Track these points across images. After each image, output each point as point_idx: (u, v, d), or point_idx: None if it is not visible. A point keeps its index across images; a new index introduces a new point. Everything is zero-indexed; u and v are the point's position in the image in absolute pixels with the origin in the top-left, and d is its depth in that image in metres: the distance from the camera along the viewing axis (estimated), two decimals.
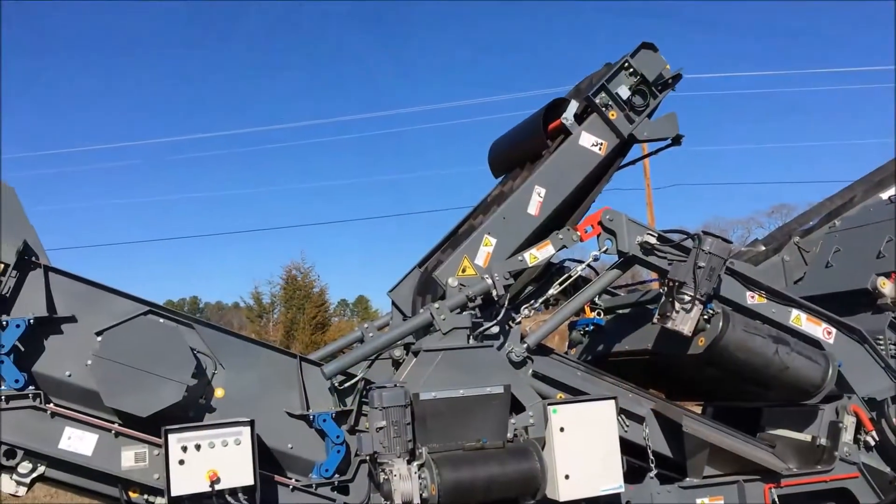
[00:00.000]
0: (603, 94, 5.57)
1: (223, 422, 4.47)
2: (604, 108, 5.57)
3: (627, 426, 5.36)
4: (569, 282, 5.59)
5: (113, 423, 4.51)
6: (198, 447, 4.29)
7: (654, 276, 6.24)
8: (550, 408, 4.96)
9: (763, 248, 7.47)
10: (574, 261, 6.08)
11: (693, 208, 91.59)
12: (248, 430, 4.40)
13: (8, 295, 4.44)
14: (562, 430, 4.92)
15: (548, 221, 5.46)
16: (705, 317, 5.32)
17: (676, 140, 5.81)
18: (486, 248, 5.28)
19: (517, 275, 5.37)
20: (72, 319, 4.57)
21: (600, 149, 5.57)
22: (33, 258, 4.56)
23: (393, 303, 6.10)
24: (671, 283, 5.27)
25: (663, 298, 5.38)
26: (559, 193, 5.47)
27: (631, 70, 5.62)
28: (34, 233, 4.61)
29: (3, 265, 4.44)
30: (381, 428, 4.57)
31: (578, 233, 5.40)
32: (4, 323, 4.35)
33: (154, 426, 4.42)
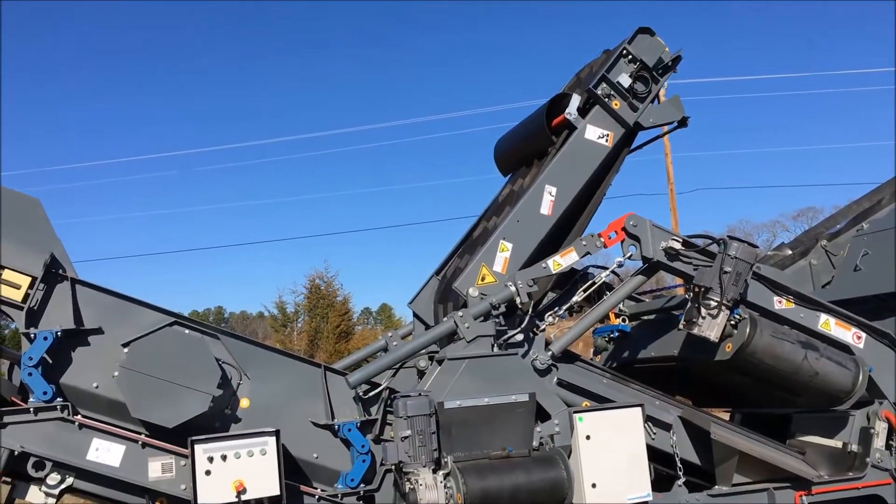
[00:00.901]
0: (604, 85, 5.53)
1: (249, 432, 4.47)
2: (606, 99, 5.54)
3: (654, 434, 5.30)
4: (593, 288, 5.56)
5: (140, 433, 4.54)
6: (224, 457, 4.30)
7: (679, 281, 6.18)
8: (576, 416, 4.92)
9: (790, 252, 7.40)
10: (598, 267, 6.05)
11: (717, 212, 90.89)
12: (273, 439, 4.40)
13: (36, 308, 4.49)
14: (588, 438, 4.88)
15: (561, 220, 5.43)
16: (732, 322, 5.26)
17: (683, 122, 5.76)
18: (503, 253, 5.26)
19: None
20: (99, 331, 4.61)
21: (607, 140, 5.55)
22: (60, 271, 4.61)
23: (414, 314, 6.09)
24: (697, 289, 5.22)
25: (689, 304, 5.32)
26: (570, 190, 5.45)
27: (630, 57, 5.58)
28: (61, 245, 4.66)
29: (30, 278, 4.49)
30: (406, 437, 4.56)
31: (602, 239, 5.35)
32: (32, 335, 4.39)
33: (180, 437, 4.43)
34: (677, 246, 5.34)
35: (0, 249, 4.47)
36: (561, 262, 5.28)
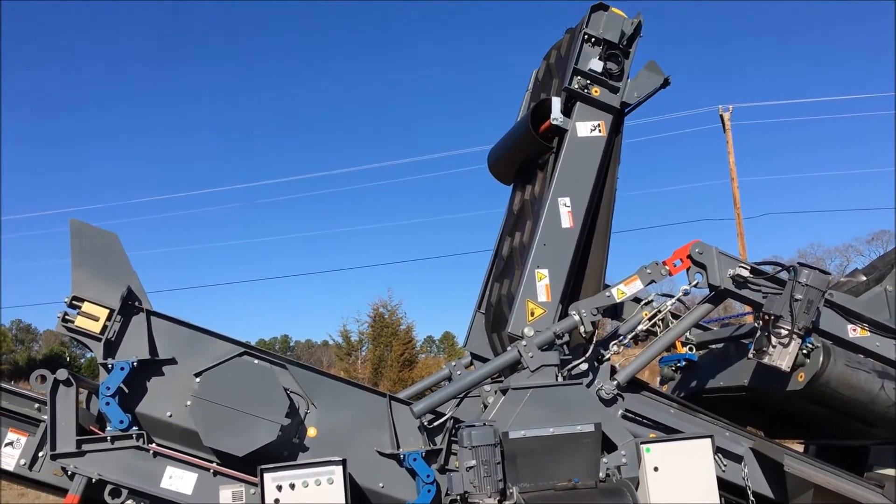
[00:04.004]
0: (578, 78, 5.43)
1: (316, 461, 4.51)
2: (585, 91, 5.44)
3: (725, 466, 5.18)
4: (658, 317, 5.48)
5: (211, 462, 4.64)
6: (292, 486, 4.36)
7: (747, 309, 6.06)
8: (643, 447, 4.85)
9: (864, 277, 7.16)
10: (663, 295, 5.96)
11: (787, 237, 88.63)
12: (340, 468, 4.44)
13: (113, 339, 4.65)
14: (656, 469, 4.81)
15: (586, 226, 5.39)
16: (804, 351, 5.14)
17: (665, 83, 5.64)
18: (542, 281, 5.21)
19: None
20: (172, 361, 4.75)
21: (600, 130, 5.47)
22: (136, 303, 4.77)
23: (472, 354, 6.09)
24: (767, 317, 5.11)
25: (759, 333, 5.21)
26: (583, 195, 5.38)
27: (593, 39, 5.47)
28: (137, 278, 4.82)
29: (108, 310, 4.66)
30: (471, 467, 4.56)
31: (668, 267, 5.28)
32: (110, 366, 4.55)
33: (250, 465, 4.51)
34: (745, 273, 5.24)
35: (82, 283, 4.67)
36: (625, 290, 5.24)
